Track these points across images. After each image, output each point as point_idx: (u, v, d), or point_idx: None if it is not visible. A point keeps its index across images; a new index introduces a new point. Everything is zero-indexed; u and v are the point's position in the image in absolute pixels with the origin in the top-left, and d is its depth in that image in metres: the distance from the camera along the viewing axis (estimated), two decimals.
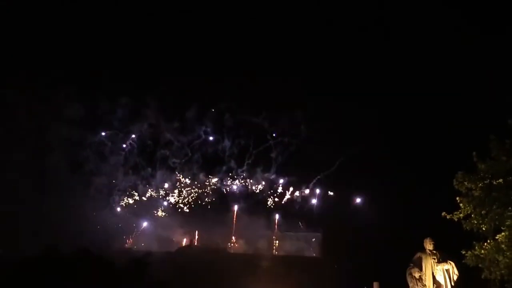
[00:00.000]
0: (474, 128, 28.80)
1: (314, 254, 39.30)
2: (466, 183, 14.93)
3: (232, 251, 41.60)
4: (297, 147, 43.54)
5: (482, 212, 14.57)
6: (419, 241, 14.12)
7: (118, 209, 45.05)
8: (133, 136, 43.90)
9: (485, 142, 15.03)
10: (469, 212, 14.89)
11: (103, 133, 44.04)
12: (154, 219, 44.99)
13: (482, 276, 14.94)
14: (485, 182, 14.62)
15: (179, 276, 30.38)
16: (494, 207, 14.22)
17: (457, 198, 15.07)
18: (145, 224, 44.51)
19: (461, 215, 15.01)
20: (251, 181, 45.91)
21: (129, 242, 43.11)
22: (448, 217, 15.14)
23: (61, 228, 32.23)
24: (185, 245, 41.29)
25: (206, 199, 45.48)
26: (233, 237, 43.02)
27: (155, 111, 42.64)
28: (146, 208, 45.76)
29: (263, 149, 44.89)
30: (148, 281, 29.94)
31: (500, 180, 14.37)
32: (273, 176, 45.53)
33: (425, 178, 32.80)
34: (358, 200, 42.17)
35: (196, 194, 45.80)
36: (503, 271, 14.34)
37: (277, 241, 43.46)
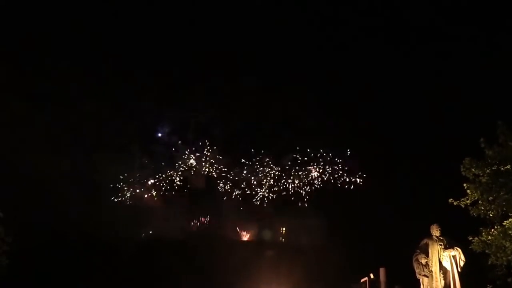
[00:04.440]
0: (481, 114, 28.57)
1: (320, 241, 39.38)
2: (473, 169, 14.89)
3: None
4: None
5: (489, 198, 14.57)
6: (425, 227, 14.10)
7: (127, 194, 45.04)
8: None
9: (493, 128, 14.95)
10: (476, 198, 14.88)
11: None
12: (160, 205, 45.13)
13: (489, 262, 14.99)
14: (493, 168, 14.56)
15: (187, 263, 30.70)
16: (502, 193, 14.21)
17: (464, 185, 15.04)
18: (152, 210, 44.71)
19: (468, 201, 15.00)
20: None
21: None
22: (455, 203, 15.14)
23: (67, 213, 32.42)
24: (193, 232, 41.55)
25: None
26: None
27: None
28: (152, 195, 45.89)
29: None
30: (156, 267, 30.32)
31: (508, 166, 14.32)
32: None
33: (432, 163, 32.67)
34: (362, 185, 42.09)
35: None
36: (509, 257, 14.40)
37: (283, 228, 43.59)
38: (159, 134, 44.68)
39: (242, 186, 44.40)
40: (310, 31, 42.13)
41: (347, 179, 42.80)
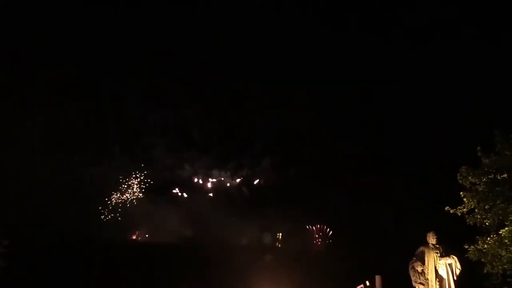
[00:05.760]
0: (479, 122, 28.73)
1: (317, 248, 39.40)
2: (470, 177, 14.94)
3: None
4: None
5: (486, 206, 14.59)
6: (421, 235, 14.13)
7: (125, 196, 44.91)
8: None
9: (490, 136, 15.02)
10: (472, 207, 14.91)
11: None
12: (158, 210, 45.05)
13: (485, 271, 15.00)
14: (489, 176, 14.62)
15: (183, 266, 30.66)
16: (498, 201, 14.23)
17: (461, 193, 15.07)
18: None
19: (464, 209, 15.03)
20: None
21: (137, 234, 43.13)
22: (451, 211, 15.17)
23: (66, 217, 32.41)
24: (188, 237, 41.49)
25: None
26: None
27: None
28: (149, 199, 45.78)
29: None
30: (155, 271, 30.27)
31: (505, 175, 14.38)
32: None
33: (429, 171, 32.76)
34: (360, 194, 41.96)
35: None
36: (505, 266, 14.40)
37: (280, 234, 43.56)
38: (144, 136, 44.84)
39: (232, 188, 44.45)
40: (309, 31, 42.33)
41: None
